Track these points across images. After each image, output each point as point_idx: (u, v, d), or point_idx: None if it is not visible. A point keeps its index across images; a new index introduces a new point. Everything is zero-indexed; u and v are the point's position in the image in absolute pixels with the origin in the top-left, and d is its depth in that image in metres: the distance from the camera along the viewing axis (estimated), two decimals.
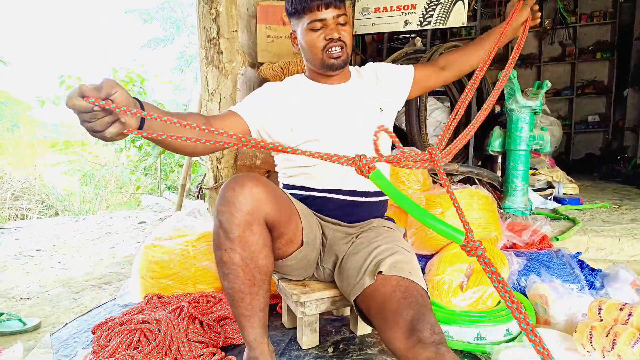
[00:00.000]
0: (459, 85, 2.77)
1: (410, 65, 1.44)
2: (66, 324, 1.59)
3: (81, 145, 6.82)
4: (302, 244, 1.18)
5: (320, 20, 1.20)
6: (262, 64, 2.48)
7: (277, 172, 1.42)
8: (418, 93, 1.47)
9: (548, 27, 6.11)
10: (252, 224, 0.99)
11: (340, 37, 1.21)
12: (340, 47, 1.22)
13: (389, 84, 1.40)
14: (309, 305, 1.26)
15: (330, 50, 1.22)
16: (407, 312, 0.93)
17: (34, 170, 6.29)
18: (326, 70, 1.27)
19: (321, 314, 1.38)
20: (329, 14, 1.20)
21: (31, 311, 1.74)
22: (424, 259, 1.69)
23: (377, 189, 1.32)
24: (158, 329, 1.33)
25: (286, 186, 1.35)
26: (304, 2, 1.19)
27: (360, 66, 1.45)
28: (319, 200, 1.28)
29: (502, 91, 2.28)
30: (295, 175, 1.32)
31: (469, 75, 2.72)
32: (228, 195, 0.97)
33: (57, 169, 6.39)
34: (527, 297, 1.50)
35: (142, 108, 0.87)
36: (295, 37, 1.30)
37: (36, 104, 6.38)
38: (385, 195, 1.38)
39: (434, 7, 2.58)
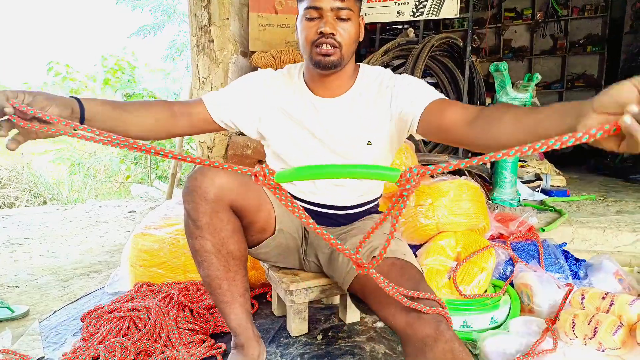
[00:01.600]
0: (451, 75, 2.78)
1: (434, 91, 1.07)
2: (55, 311, 1.59)
3: None
4: (274, 232, 1.16)
5: (317, 8, 1.03)
6: (253, 52, 2.46)
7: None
8: (434, 138, 1.09)
9: (540, 20, 6.13)
10: (219, 211, 1.00)
11: (333, 34, 1.04)
12: (331, 45, 1.04)
13: (394, 107, 1.11)
14: (298, 293, 1.27)
15: (319, 46, 1.05)
16: (407, 285, 0.90)
17: (21, 158, 6.20)
18: (314, 67, 1.09)
19: (310, 303, 1.39)
20: (327, 3, 1.02)
21: (20, 299, 1.73)
22: (413, 249, 1.71)
23: (357, 202, 1.24)
24: (148, 316, 1.34)
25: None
26: None
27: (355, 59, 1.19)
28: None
29: (493, 82, 2.30)
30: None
31: (461, 69, 2.71)
32: (191, 184, 0.99)
33: (45, 157, 6.30)
34: (513, 287, 1.53)
35: (82, 108, 0.90)
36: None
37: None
38: (374, 202, 1.31)
39: None
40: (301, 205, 1.20)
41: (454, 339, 0.81)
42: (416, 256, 1.64)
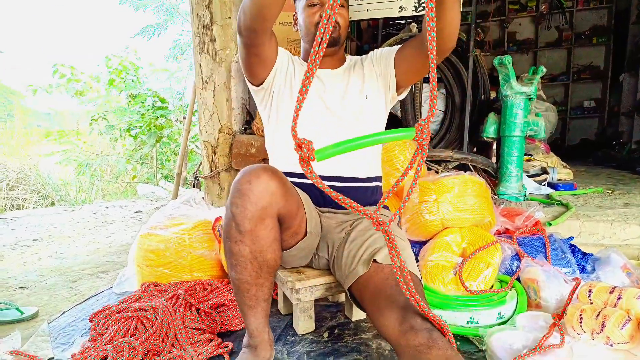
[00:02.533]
0: (454, 70, 2.76)
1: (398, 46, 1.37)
2: (64, 312, 1.60)
3: (76, 135, 6.77)
4: (305, 234, 1.19)
5: None
6: None
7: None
8: (412, 76, 1.35)
9: (545, 12, 6.06)
10: (265, 218, 0.99)
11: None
12: (332, 26, 1.22)
13: (376, 67, 1.39)
14: (304, 292, 1.27)
15: None
16: (400, 299, 0.94)
17: (28, 160, 6.25)
18: None
19: (316, 301, 1.40)
20: None
21: (29, 300, 1.75)
22: (418, 245, 1.71)
23: (366, 175, 1.34)
24: (155, 316, 1.35)
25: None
26: None
27: (357, 53, 1.47)
28: (308, 186, 1.28)
29: (497, 76, 2.28)
30: (282, 160, 1.33)
31: (465, 63, 2.70)
32: (244, 188, 0.97)
33: (52, 158, 6.35)
34: (520, 282, 1.53)
35: None
36: (297, 19, 1.38)
37: (28, 92, 6.32)
38: (378, 181, 1.39)
39: None
40: (311, 183, 1.25)
41: (447, 347, 0.83)
42: (419, 254, 1.64)
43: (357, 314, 1.44)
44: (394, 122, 2.59)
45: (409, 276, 1.02)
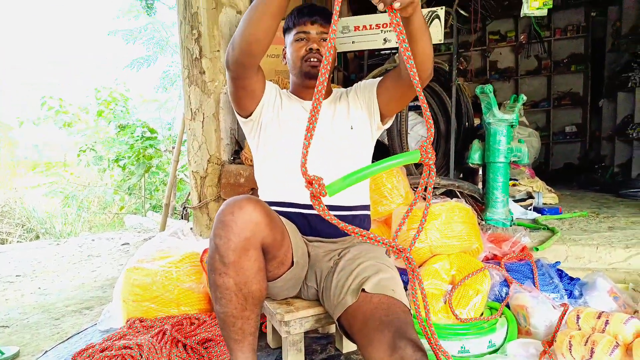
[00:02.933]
0: (438, 99, 2.84)
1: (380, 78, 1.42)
2: (45, 352, 1.55)
3: (63, 166, 6.71)
4: (292, 264, 1.18)
5: (305, 32, 1.32)
6: None
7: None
8: (394, 106, 1.39)
9: (523, 42, 6.30)
10: (249, 249, 0.99)
11: (319, 50, 1.31)
12: (317, 59, 1.31)
13: (360, 98, 1.42)
14: (293, 324, 1.25)
15: (309, 60, 1.31)
16: (389, 330, 0.94)
17: (14, 192, 6.16)
18: (304, 78, 1.35)
19: (306, 333, 1.37)
20: (313, 29, 1.32)
21: (10, 339, 1.70)
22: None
23: (355, 203, 1.35)
24: (140, 354, 1.31)
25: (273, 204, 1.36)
26: (295, 18, 1.34)
27: (343, 83, 1.49)
28: (296, 216, 1.29)
29: (480, 104, 2.34)
30: (271, 190, 1.34)
31: (449, 92, 2.78)
32: (227, 219, 0.97)
33: (38, 190, 6.27)
34: (509, 308, 1.53)
35: None
36: (286, 53, 1.42)
37: (16, 124, 6.29)
38: (367, 209, 1.40)
39: None
40: (299, 212, 1.26)
41: None
42: (405, 287, 1.63)
43: (348, 346, 1.42)
44: (382, 150, 2.63)
45: (397, 307, 1.02)
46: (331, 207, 1.30)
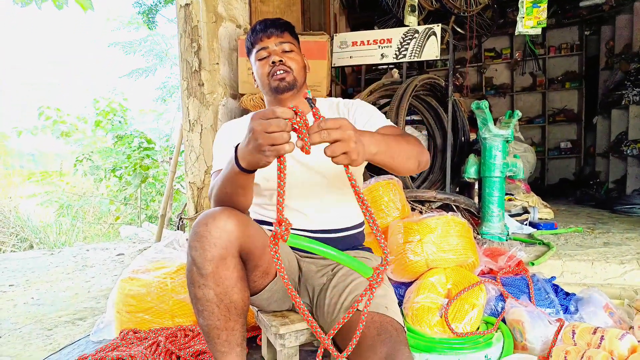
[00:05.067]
0: (435, 114, 2.87)
1: (384, 119, 1.30)
2: None
3: (59, 176, 6.69)
4: (276, 275, 1.17)
5: (264, 48, 1.26)
6: (243, 95, 2.52)
7: None
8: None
9: (518, 59, 6.40)
10: (226, 257, 0.98)
11: (282, 61, 1.24)
12: (283, 70, 1.25)
13: (357, 125, 1.29)
14: (288, 337, 1.24)
15: (275, 74, 1.25)
16: (382, 349, 0.93)
17: (9, 202, 6.13)
18: (274, 93, 1.28)
19: (301, 346, 1.36)
20: (271, 42, 1.26)
21: (1, 350, 1.67)
22: (403, 287, 1.70)
23: (350, 224, 1.32)
24: None
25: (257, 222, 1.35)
26: (251, 38, 1.29)
27: (342, 96, 1.43)
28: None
29: (475, 119, 2.37)
30: (260, 211, 1.33)
31: (445, 107, 2.80)
32: (201, 230, 0.96)
33: (34, 200, 6.24)
34: (505, 323, 1.52)
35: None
36: (254, 76, 1.35)
37: (13, 133, 6.29)
38: (360, 226, 1.38)
39: (409, 41, 2.69)
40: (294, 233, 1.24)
41: None
42: (404, 295, 1.63)
43: None
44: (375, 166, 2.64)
45: (391, 324, 1.01)
46: (320, 231, 1.28)
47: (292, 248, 1.29)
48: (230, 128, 1.40)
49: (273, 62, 1.24)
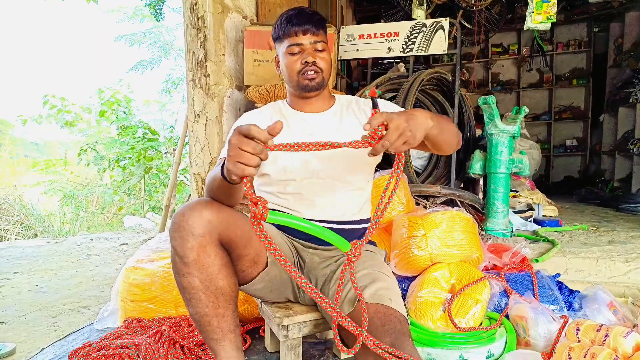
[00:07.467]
0: (441, 108, 2.85)
1: (398, 108, 1.35)
2: (42, 349, 1.54)
3: (63, 165, 6.72)
4: (267, 265, 1.17)
5: (298, 44, 1.25)
6: (248, 86, 2.51)
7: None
8: None
9: (526, 55, 6.34)
10: (206, 245, 0.99)
11: (315, 62, 1.24)
12: (314, 71, 1.26)
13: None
14: (291, 328, 1.25)
15: (305, 73, 1.25)
16: (385, 340, 0.93)
17: (13, 190, 6.16)
18: (301, 91, 1.29)
19: (304, 337, 1.37)
20: (306, 40, 1.24)
21: (6, 336, 1.69)
22: (407, 281, 1.70)
23: (357, 218, 1.33)
24: (137, 354, 1.31)
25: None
26: (285, 28, 1.26)
27: (347, 90, 1.42)
28: (295, 230, 1.27)
29: (482, 115, 2.36)
30: (276, 202, 1.33)
31: (451, 102, 2.79)
32: (178, 220, 0.98)
33: (38, 189, 6.27)
34: (509, 319, 1.52)
35: None
36: (279, 61, 1.35)
37: (18, 122, 6.31)
38: (367, 222, 1.38)
39: (416, 34, 2.67)
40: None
41: None
42: (408, 289, 1.63)
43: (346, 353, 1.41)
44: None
45: (394, 316, 1.01)
46: (334, 222, 1.28)
47: (293, 240, 1.29)
48: (249, 119, 1.38)
49: (306, 62, 1.24)
